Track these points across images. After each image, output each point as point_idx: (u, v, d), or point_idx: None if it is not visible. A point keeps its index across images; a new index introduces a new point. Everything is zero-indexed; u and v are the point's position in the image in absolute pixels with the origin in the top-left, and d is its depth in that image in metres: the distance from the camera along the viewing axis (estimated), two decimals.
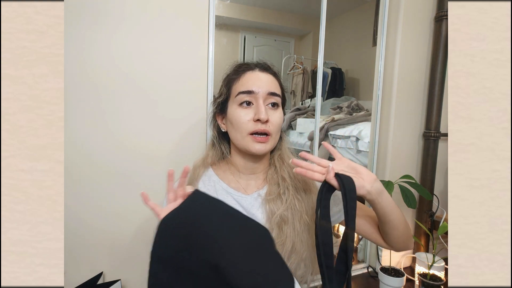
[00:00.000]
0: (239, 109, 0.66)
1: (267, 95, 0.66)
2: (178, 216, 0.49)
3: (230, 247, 0.45)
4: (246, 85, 0.66)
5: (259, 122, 0.64)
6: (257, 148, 0.65)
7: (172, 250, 0.46)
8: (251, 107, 0.66)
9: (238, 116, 0.65)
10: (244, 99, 0.65)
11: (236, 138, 0.68)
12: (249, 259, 0.46)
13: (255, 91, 0.65)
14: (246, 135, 0.65)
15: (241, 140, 0.66)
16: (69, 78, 0.80)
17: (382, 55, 1.25)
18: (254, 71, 0.69)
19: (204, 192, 0.53)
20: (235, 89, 0.67)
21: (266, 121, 0.65)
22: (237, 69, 0.71)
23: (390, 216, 0.63)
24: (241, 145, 0.67)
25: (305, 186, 0.71)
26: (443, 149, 1.32)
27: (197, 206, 0.50)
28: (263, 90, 0.66)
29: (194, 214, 0.49)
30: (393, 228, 0.65)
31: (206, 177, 0.73)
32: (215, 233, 0.46)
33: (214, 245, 0.45)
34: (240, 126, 0.65)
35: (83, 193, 0.85)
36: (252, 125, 0.65)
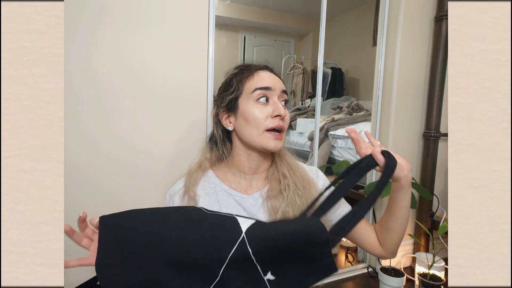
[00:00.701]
0: (257, 105, 0.67)
1: (281, 93, 0.69)
2: (107, 251, 0.47)
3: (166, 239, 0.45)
4: (262, 82, 0.67)
5: (277, 118, 0.66)
6: (274, 145, 0.66)
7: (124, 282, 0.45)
8: (268, 104, 0.67)
9: (255, 112, 0.66)
10: (262, 95, 0.67)
11: (250, 135, 0.67)
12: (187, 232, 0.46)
13: (272, 88, 0.67)
14: (263, 132, 0.66)
15: (257, 137, 0.66)
16: (73, 78, 0.80)
17: (382, 55, 1.25)
18: (264, 71, 0.71)
19: (110, 214, 0.50)
20: (250, 85, 0.68)
21: (284, 117, 0.67)
22: (247, 67, 0.72)
23: (402, 210, 0.65)
24: (257, 142, 0.67)
25: (304, 182, 0.72)
26: (443, 149, 1.32)
27: (115, 228, 0.48)
28: (278, 88, 0.68)
29: (117, 237, 0.47)
30: (399, 225, 0.67)
31: (205, 180, 0.73)
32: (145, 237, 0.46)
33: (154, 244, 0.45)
34: (258, 122, 0.66)
35: (83, 192, 0.85)
36: (270, 122, 0.66)
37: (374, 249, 0.72)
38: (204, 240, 0.45)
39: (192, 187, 0.70)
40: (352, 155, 1.66)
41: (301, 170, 0.75)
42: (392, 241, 0.69)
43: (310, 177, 0.75)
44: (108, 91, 0.85)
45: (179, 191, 0.71)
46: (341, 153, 1.74)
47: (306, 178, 0.73)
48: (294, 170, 0.73)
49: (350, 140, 1.68)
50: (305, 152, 1.79)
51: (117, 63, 0.85)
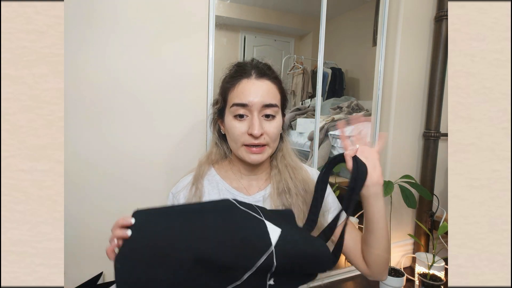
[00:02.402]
0: (234, 121, 0.65)
1: (262, 107, 0.64)
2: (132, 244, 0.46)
3: (202, 236, 0.46)
4: (240, 97, 0.64)
5: (252, 137, 0.63)
6: (253, 158, 0.65)
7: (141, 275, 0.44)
8: (246, 119, 0.64)
9: (233, 127, 0.64)
10: (238, 112, 0.64)
11: (232, 147, 0.68)
12: (223, 236, 0.47)
13: (249, 104, 0.63)
14: (240, 146, 0.65)
15: (237, 150, 0.66)
16: (70, 78, 0.80)
17: (382, 55, 1.25)
18: (250, 78, 0.65)
19: (144, 209, 0.49)
20: (230, 99, 0.66)
21: (261, 135, 0.63)
22: (233, 74, 0.68)
23: (378, 224, 0.62)
24: (238, 154, 0.67)
25: (305, 185, 0.72)
26: (443, 149, 1.32)
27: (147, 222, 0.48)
28: (258, 102, 0.63)
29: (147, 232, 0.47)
30: (377, 240, 0.63)
31: (210, 175, 0.73)
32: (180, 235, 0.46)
33: (187, 243, 0.45)
34: (235, 137, 0.65)
35: (83, 194, 0.85)
36: (246, 138, 0.64)
37: (359, 264, 0.68)
38: (236, 247, 0.47)
39: (200, 178, 0.71)
40: None
41: (304, 173, 0.74)
42: (374, 258, 0.64)
43: (311, 180, 0.74)
44: (108, 93, 0.85)
45: (186, 186, 0.71)
46: None
47: (308, 181, 0.73)
48: (296, 173, 0.72)
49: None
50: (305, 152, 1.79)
51: (117, 63, 0.85)
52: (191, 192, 0.69)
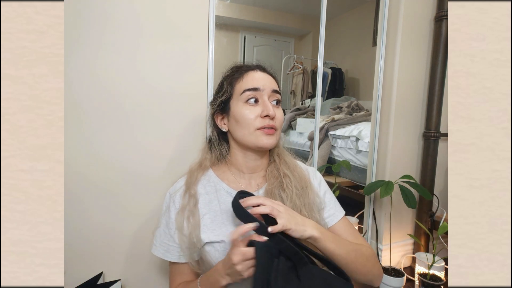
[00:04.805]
0: (246, 106, 0.68)
1: (271, 92, 0.69)
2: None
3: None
4: (251, 83, 0.68)
5: (267, 118, 0.67)
6: (266, 141, 0.67)
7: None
8: (258, 104, 0.68)
9: (245, 113, 0.67)
10: (251, 96, 0.68)
11: (242, 135, 0.68)
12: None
13: (260, 88, 0.68)
14: (253, 131, 0.67)
15: (249, 136, 0.67)
16: (74, 80, 0.80)
17: (382, 55, 1.25)
18: (255, 71, 0.71)
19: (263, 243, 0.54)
20: (240, 87, 0.69)
21: (274, 117, 0.67)
22: (238, 69, 0.73)
23: (337, 260, 0.62)
24: (249, 141, 0.68)
25: (302, 182, 0.73)
26: (443, 149, 1.32)
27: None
28: (268, 88, 0.69)
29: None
30: (347, 270, 0.63)
31: (205, 179, 0.74)
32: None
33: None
34: (248, 122, 0.67)
35: (83, 193, 0.85)
36: (259, 121, 0.67)
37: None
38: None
39: (192, 185, 0.71)
40: (352, 155, 1.66)
41: (299, 170, 0.75)
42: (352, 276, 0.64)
43: (307, 177, 0.75)
44: (107, 92, 0.85)
45: (180, 189, 0.72)
46: (341, 153, 1.74)
47: (304, 178, 0.74)
48: (292, 170, 0.73)
49: (350, 140, 1.68)
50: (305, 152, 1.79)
51: (117, 64, 0.85)
52: (185, 199, 0.70)
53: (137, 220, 0.91)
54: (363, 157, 1.57)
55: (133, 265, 0.92)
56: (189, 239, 0.66)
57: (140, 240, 0.92)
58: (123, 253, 0.91)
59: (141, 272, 0.93)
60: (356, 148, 1.63)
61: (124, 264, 0.92)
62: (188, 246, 0.67)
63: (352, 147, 1.66)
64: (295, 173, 0.73)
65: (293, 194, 0.69)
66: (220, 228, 0.66)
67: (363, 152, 1.58)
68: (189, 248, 0.67)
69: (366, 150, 1.53)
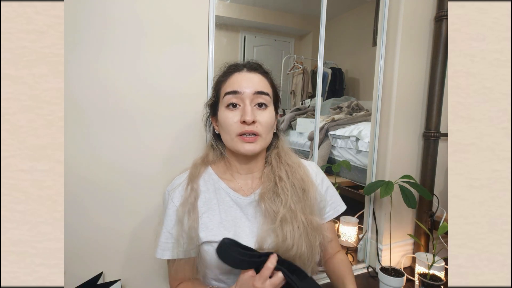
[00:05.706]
0: (227, 110, 0.66)
1: (254, 95, 0.65)
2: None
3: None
4: (231, 86, 0.66)
5: (245, 124, 0.64)
6: (246, 148, 0.65)
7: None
8: (238, 109, 0.65)
9: (226, 118, 0.66)
10: (230, 101, 0.65)
11: (226, 140, 0.68)
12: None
13: (240, 92, 0.65)
14: (234, 137, 0.65)
15: (231, 142, 0.66)
16: (75, 81, 0.80)
17: (382, 55, 1.25)
18: (242, 72, 0.68)
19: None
20: (223, 91, 0.68)
21: (253, 122, 0.64)
22: (225, 71, 0.71)
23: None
24: (231, 147, 0.67)
25: (303, 185, 0.71)
26: (443, 149, 1.32)
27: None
28: (250, 90, 0.65)
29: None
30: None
31: (206, 175, 0.74)
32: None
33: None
34: (228, 128, 0.65)
35: (83, 193, 0.85)
36: (239, 127, 0.64)
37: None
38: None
39: (195, 178, 0.71)
40: (352, 155, 1.67)
41: (302, 172, 0.73)
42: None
43: (310, 178, 0.73)
44: (107, 92, 0.85)
45: (181, 184, 0.71)
46: (341, 153, 1.74)
47: (307, 180, 0.72)
48: (294, 171, 0.71)
49: (350, 140, 1.68)
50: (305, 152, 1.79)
51: (117, 63, 0.85)
52: (187, 191, 0.69)
53: (137, 220, 0.91)
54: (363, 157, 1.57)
55: (133, 265, 0.92)
56: (188, 234, 0.65)
57: (140, 240, 0.92)
58: (123, 253, 0.91)
59: (141, 272, 0.93)
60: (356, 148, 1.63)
61: (124, 264, 0.91)
62: (186, 241, 0.66)
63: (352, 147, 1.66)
64: (297, 175, 0.71)
65: (288, 199, 0.67)
66: (218, 228, 0.66)
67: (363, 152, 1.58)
68: (187, 244, 0.66)
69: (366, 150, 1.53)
